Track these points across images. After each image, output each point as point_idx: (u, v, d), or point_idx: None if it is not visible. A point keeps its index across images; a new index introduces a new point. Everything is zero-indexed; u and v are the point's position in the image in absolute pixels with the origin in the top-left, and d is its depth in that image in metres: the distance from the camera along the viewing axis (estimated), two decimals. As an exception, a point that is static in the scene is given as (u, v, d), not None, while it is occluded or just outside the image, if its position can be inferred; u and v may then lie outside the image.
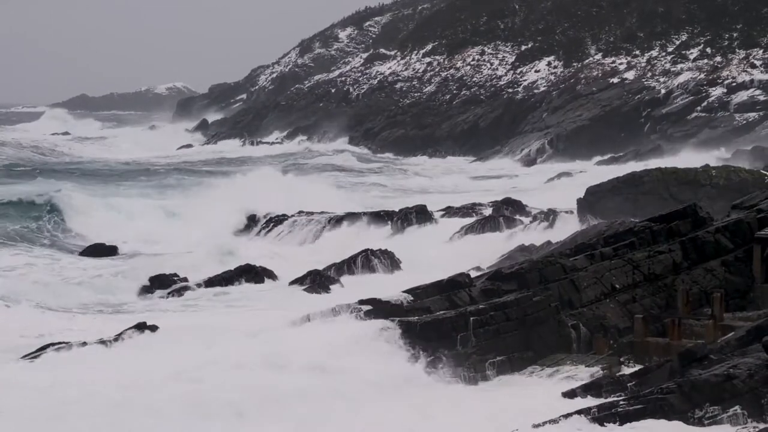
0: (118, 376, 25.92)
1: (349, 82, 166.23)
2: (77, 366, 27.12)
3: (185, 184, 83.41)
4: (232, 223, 59.63)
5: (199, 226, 58.63)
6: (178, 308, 40.05)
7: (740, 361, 24.27)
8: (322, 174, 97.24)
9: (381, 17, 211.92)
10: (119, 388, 25.12)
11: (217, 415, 23.83)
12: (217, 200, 64.26)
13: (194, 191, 72.74)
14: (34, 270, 47.16)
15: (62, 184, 71.86)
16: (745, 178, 54.04)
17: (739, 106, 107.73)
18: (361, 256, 47.45)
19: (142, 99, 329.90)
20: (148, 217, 63.03)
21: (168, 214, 63.90)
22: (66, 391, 24.84)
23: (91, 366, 27.02)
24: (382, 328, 28.29)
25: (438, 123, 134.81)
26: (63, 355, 28.49)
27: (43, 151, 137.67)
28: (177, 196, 73.14)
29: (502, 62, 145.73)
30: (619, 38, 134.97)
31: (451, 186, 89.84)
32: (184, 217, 62.78)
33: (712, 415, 23.07)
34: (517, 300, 29.49)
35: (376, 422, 23.94)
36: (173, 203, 67.65)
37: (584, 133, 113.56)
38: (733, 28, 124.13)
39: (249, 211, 60.70)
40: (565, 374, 27.18)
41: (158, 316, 36.42)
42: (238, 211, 60.77)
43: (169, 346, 28.93)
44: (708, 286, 31.89)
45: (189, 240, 55.50)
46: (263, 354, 27.27)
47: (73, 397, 24.45)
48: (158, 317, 35.23)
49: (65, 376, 25.96)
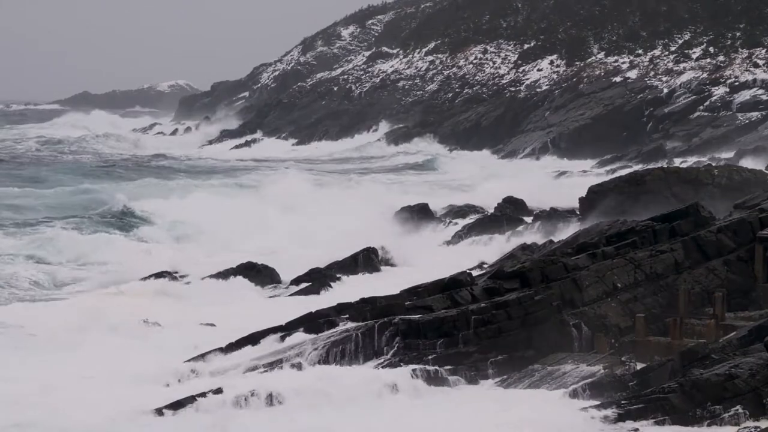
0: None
1: (351, 81, 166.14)
2: None
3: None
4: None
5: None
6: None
7: (742, 360, 24.29)
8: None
9: (384, 15, 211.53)
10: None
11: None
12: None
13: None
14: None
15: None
16: (748, 177, 53.98)
17: (741, 105, 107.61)
18: (363, 254, 47.43)
19: (144, 96, 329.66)
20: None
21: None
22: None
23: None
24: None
25: (440, 121, 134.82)
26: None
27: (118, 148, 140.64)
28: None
29: (505, 61, 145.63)
30: (622, 37, 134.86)
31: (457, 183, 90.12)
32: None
33: (714, 414, 23.09)
34: (518, 299, 29.48)
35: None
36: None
37: (586, 132, 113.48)
38: (736, 28, 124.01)
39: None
40: (567, 373, 27.16)
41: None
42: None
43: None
44: (710, 286, 31.88)
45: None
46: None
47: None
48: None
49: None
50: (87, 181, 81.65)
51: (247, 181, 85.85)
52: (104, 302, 38.56)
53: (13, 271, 45.23)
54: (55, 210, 64.52)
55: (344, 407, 25.06)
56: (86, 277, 45.92)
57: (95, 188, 75.54)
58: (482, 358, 28.22)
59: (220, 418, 24.39)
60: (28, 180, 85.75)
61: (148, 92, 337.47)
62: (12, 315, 36.02)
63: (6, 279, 43.77)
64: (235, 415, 24.65)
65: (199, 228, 57.12)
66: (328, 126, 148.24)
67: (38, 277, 44.70)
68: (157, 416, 24.56)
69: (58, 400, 25.53)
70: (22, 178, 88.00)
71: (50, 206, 66.43)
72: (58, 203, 68.32)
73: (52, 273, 45.97)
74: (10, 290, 42.22)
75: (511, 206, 59.81)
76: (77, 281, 45.16)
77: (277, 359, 28.40)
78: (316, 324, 30.16)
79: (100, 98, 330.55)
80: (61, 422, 24.10)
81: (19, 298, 41.01)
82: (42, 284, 44.07)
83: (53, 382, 26.86)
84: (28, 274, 45.04)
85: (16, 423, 23.77)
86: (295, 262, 46.81)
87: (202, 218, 58.41)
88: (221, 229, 56.34)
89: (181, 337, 33.15)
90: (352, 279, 45.05)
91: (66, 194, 73.59)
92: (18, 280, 43.86)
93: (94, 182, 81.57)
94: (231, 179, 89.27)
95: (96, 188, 75.38)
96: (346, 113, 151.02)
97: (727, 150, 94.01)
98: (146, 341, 32.86)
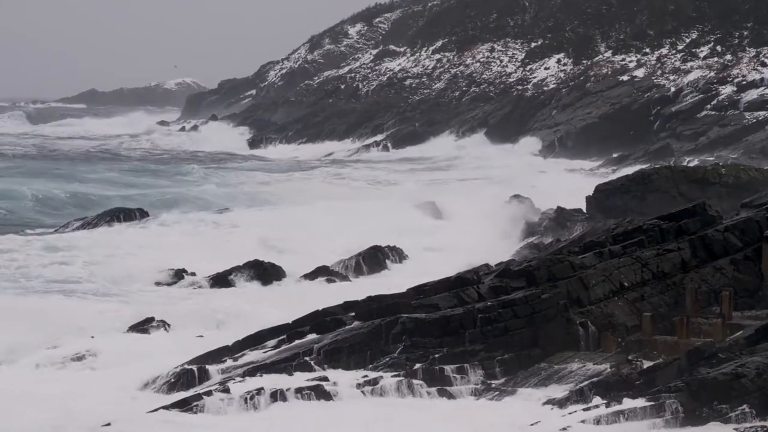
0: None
1: (358, 79, 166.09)
2: None
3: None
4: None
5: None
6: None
7: (748, 359, 24.27)
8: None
9: (391, 14, 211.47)
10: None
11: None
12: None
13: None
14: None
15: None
16: (755, 176, 53.92)
17: (749, 104, 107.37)
18: (370, 252, 47.47)
19: (151, 94, 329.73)
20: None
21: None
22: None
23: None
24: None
25: (447, 120, 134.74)
26: None
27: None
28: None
29: (512, 59, 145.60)
30: (629, 36, 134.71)
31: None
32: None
33: (720, 413, 23.07)
34: (525, 297, 29.48)
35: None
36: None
37: (593, 131, 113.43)
38: (744, 27, 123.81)
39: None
40: (573, 372, 27.15)
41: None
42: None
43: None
44: (716, 285, 31.84)
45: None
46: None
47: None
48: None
49: None
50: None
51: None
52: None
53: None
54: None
55: (349, 406, 25.07)
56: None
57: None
58: (488, 356, 28.22)
59: (227, 416, 24.40)
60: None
61: (155, 90, 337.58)
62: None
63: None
64: (242, 413, 24.66)
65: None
66: (335, 124, 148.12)
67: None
68: (164, 414, 24.55)
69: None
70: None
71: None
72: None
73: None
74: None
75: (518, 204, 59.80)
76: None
77: (284, 357, 28.41)
78: (323, 322, 30.18)
79: (108, 96, 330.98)
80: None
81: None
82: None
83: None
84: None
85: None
86: (303, 260, 46.93)
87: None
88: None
89: (186, 335, 33.18)
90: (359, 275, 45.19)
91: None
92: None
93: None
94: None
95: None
96: (353, 112, 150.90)
97: (734, 149, 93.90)
98: (152, 340, 32.88)
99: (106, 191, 77.00)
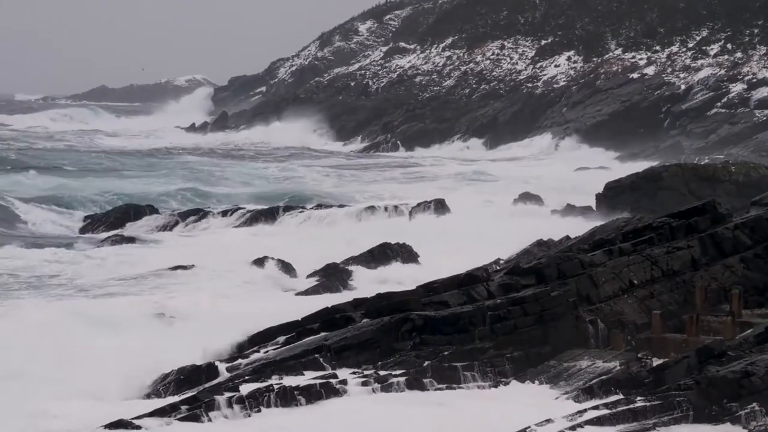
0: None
1: (368, 76, 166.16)
2: None
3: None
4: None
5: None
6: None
7: (758, 357, 24.25)
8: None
9: (401, 11, 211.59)
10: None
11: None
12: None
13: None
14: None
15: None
16: (765, 174, 53.84)
17: (759, 102, 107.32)
18: (378, 249, 47.39)
19: (162, 91, 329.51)
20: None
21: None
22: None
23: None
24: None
25: (457, 117, 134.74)
26: None
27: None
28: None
29: (522, 57, 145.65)
30: (640, 33, 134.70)
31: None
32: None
33: (729, 411, 23.05)
34: (534, 295, 29.44)
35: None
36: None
37: (603, 129, 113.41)
38: (754, 24, 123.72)
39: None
40: (582, 369, 27.14)
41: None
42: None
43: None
44: (726, 283, 31.80)
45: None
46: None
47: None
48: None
49: None
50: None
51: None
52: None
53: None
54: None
55: (358, 404, 25.07)
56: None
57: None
58: (498, 354, 28.21)
59: (235, 415, 24.40)
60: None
61: (166, 86, 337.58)
62: None
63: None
64: (250, 412, 24.66)
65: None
66: (345, 121, 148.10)
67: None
68: (172, 412, 24.55)
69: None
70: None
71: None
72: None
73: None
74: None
75: (528, 201, 59.83)
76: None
77: (293, 355, 28.39)
78: (332, 319, 30.19)
79: (118, 93, 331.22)
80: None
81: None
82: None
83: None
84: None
85: None
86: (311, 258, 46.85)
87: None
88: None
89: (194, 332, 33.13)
90: (367, 274, 45.09)
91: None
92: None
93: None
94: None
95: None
96: (363, 108, 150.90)
97: (744, 147, 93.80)
98: (161, 335, 32.83)
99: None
